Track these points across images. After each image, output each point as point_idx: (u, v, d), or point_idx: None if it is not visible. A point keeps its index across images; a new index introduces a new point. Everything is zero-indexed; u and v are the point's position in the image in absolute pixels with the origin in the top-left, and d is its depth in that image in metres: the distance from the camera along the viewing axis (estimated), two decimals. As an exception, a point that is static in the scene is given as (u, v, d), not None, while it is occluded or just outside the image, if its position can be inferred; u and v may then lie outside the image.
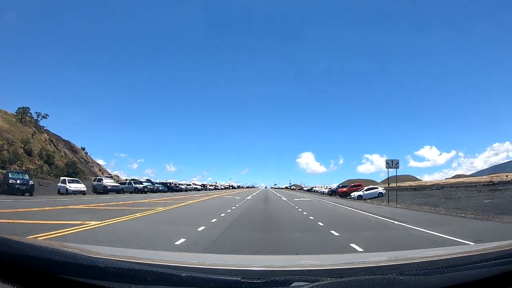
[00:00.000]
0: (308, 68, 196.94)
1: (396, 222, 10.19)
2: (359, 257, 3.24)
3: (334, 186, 54.57)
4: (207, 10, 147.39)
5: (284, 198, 29.21)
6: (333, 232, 7.44)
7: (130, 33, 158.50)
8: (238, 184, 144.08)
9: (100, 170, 75.03)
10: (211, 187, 79.03)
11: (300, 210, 14.99)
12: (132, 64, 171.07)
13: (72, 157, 59.88)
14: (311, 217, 11.31)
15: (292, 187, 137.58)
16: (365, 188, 35.09)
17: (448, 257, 1.24)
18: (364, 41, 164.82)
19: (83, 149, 79.02)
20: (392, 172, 22.78)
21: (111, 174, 66.96)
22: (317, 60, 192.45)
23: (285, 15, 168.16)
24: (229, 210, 13.30)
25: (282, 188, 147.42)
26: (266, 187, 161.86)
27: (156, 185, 41.49)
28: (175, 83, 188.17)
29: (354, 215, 13.89)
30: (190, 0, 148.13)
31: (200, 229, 7.36)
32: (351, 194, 34.31)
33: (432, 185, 31.23)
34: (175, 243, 5.48)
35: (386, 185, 45.20)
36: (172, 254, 3.93)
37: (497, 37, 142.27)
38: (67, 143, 69.05)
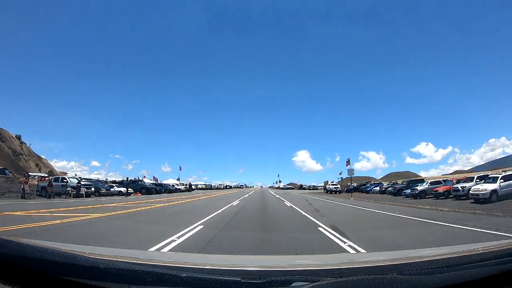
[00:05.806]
0: (302, 66, 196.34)
1: None
2: (359, 256, 3.23)
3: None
4: (204, 12, 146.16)
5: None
6: None
7: (124, 34, 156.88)
8: (222, 184, 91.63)
9: (37, 166, 62.47)
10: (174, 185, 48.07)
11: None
12: (125, 65, 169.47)
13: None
14: None
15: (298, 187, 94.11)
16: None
17: (448, 256, 1.23)
18: (359, 39, 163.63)
19: (18, 138, 63.63)
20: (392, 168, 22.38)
21: (52, 171, 55.49)
22: (311, 58, 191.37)
23: (282, 13, 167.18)
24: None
25: (292, 188, 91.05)
26: (262, 186, 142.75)
27: None
28: (169, 83, 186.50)
29: None
30: (187, 2, 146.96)
31: None
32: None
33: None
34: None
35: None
36: (172, 254, 3.93)
37: (490, 35, 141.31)
38: (-9, 129, 54.79)
